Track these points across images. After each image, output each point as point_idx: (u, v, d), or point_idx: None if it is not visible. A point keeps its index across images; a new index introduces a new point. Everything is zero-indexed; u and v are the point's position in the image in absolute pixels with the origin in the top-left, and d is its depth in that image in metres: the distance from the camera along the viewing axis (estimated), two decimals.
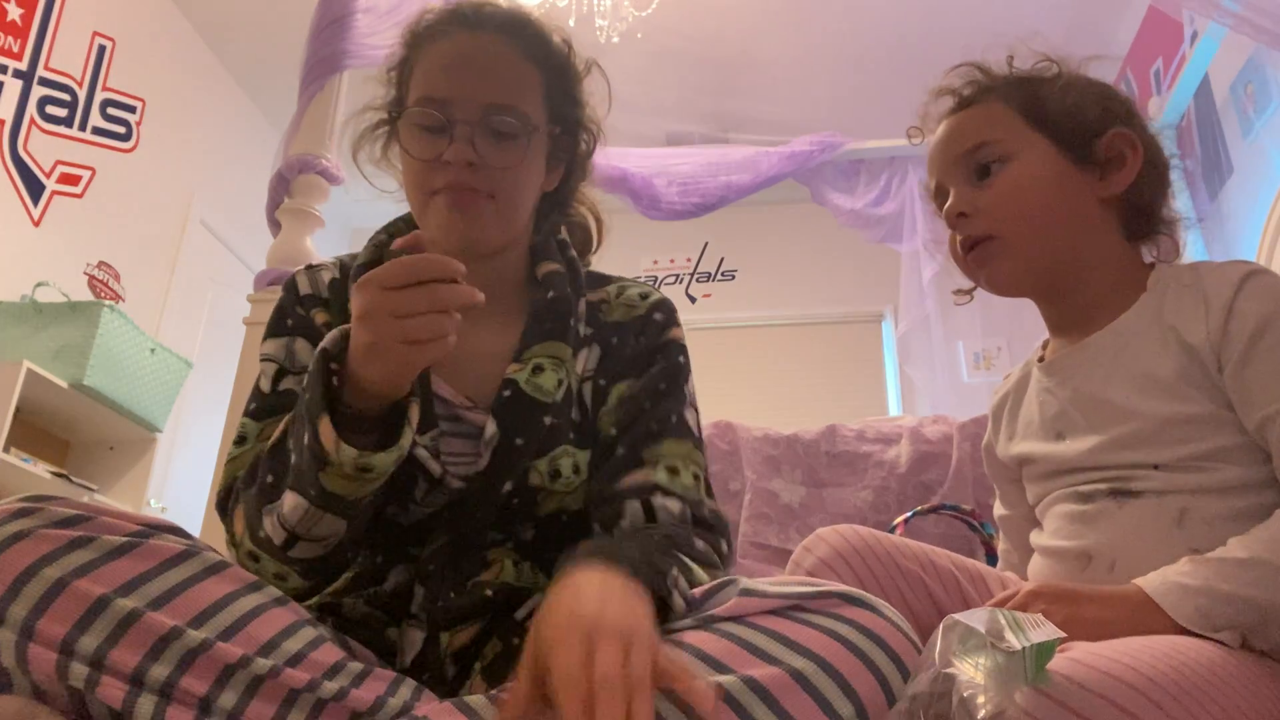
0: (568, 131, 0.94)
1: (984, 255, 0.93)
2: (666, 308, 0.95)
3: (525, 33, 0.90)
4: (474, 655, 0.77)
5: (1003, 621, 0.59)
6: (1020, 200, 0.91)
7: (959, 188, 0.94)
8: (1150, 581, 0.72)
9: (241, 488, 0.80)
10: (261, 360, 0.88)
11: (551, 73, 0.91)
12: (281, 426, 0.77)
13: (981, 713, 0.57)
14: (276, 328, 0.90)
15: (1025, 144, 0.92)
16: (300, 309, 0.90)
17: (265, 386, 0.87)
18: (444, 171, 0.84)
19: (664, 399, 0.89)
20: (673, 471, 0.84)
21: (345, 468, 0.68)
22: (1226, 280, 0.83)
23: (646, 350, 0.92)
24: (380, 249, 0.93)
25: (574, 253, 0.97)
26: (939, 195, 0.99)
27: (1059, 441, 0.90)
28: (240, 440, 0.85)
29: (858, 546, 0.90)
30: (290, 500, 0.72)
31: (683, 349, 0.95)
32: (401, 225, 0.96)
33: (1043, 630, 0.59)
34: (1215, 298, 0.82)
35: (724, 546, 0.84)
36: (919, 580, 0.89)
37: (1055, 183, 0.91)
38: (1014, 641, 0.57)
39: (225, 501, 0.84)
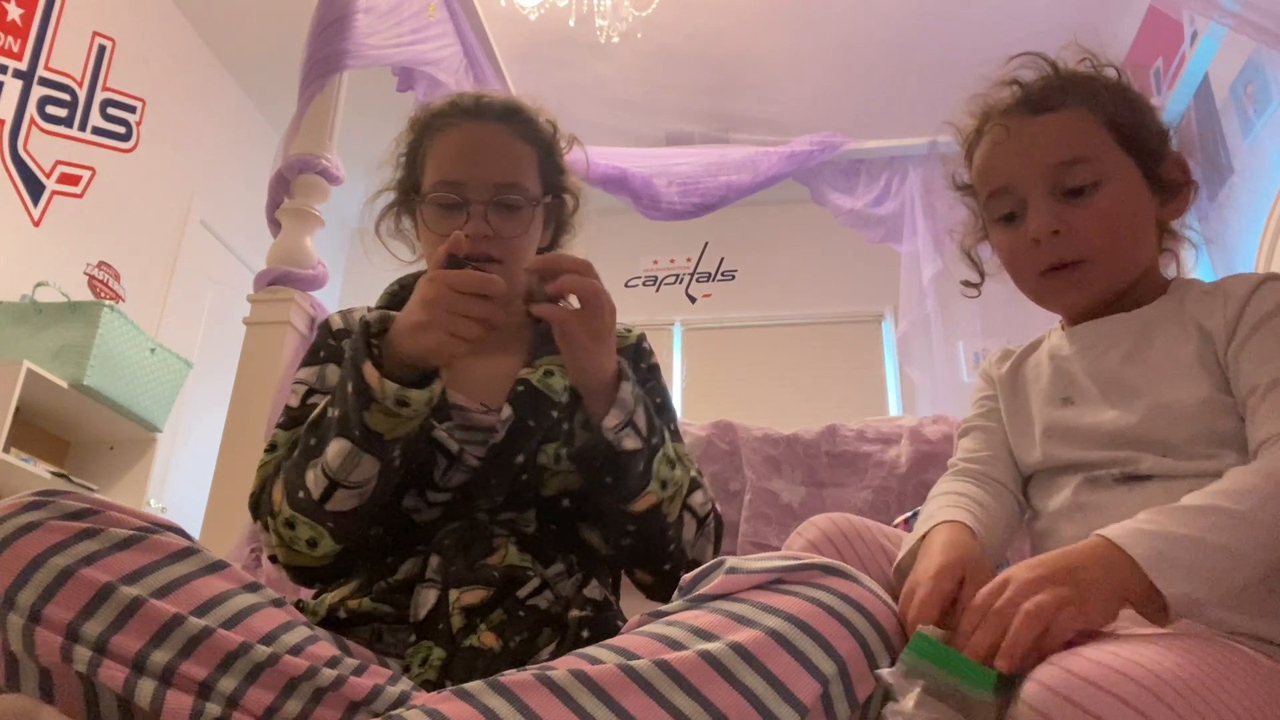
0: (557, 197, 1.08)
1: (1071, 280, 0.91)
2: (645, 338, 1.12)
3: (519, 118, 1.04)
4: (481, 617, 0.81)
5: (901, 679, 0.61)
6: (1115, 226, 0.89)
7: (1045, 201, 0.90)
8: (1110, 529, 0.71)
9: (284, 463, 0.90)
10: (294, 385, 1.00)
11: (542, 149, 1.05)
12: (320, 407, 0.88)
13: None
14: (310, 359, 1.02)
15: (1118, 165, 0.90)
16: (332, 340, 1.03)
17: (294, 403, 0.98)
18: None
19: (662, 412, 1.03)
20: None
21: (388, 401, 0.80)
22: (1247, 281, 0.87)
23: (643, 372, 1.07)
24: (393, 299, 1.07)
25: None
26: (1002, 199, 0.94)
27: (1065, 407, 0.92)
28: (271, 448, 0.95)
29: (846, 531, 0.91)
30: (335, 447, 0.82)
31: (660, 373, 1.10)
32: (411, 280, 1.09)
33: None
34: (1234, 293, 0.86)
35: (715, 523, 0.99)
36: None
37: (1141, 208, 0.91)
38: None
39: (259, 501, 0.92)
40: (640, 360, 1.08)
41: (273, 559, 0.92)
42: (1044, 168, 0.90)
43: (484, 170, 0.98)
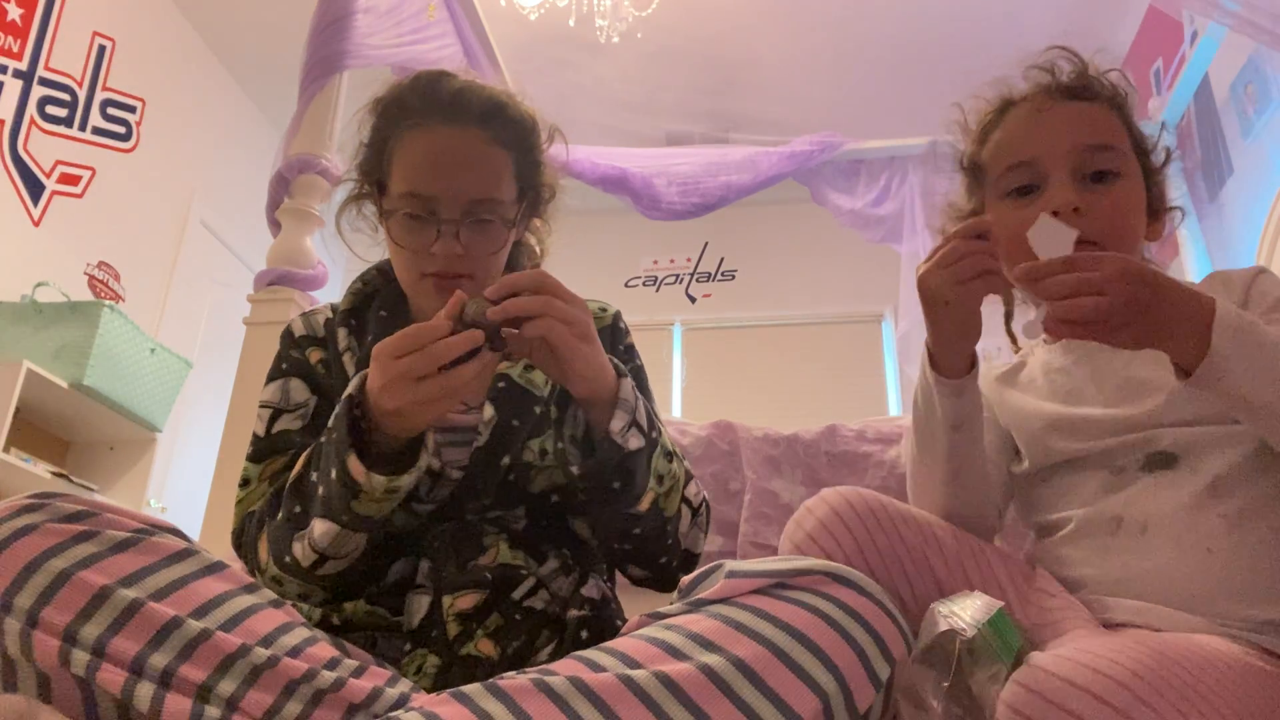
0: (533, 194, 1.02)
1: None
2: (622, 317, 1.06)
3: (499, 119, 0.96)
4: (477, 623, 0.80)
5: (939, 617, 0.63)
6: (1127, 219, 0.92)
7: (1070, 180, 0.91)
8: (1224, 306, 0.74)
9: (267, 517, 0.88)
10: (259, 407, 0.96)
11: (520, 151, 0.98)
12: (302, 460, 0.85)
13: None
14: (274, 372, 0.98)
15: (1133, 166, 0.93)
16: (295, 351, 0.99)
17: (261, 431, 0.95)
18: (431, 260, 0.92)
19: (643, 395, 0.99)
20: None
21: (376, 493, 0.77)
22: (1242, 272, 0.91)
23: (620, 355, 1.03)
24: (358, 296, 1.03)
25: None
26: (1020, 171, 0.94)
27: (1071, 406, 0.93)
28: (244, 483, 0.93)
29: (860, 511, 0.84)
30: (321, 527, 0.80)
31: (637, 352, 1.05)
32: (374, 274, 1.05)
33: (979, 606, 0.63)
34: (1236, 281, 0.90)
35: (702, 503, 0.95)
36: (921, 554, 0.85)
37: (1141, 216, 0.94)
38: (960, 624, 0.60)
39: (240, 539, 0.91)
40: (618, 341, 1.04)
41: None
42: (1073, 146, 0.92)
43: (458, 184, 0.92)
